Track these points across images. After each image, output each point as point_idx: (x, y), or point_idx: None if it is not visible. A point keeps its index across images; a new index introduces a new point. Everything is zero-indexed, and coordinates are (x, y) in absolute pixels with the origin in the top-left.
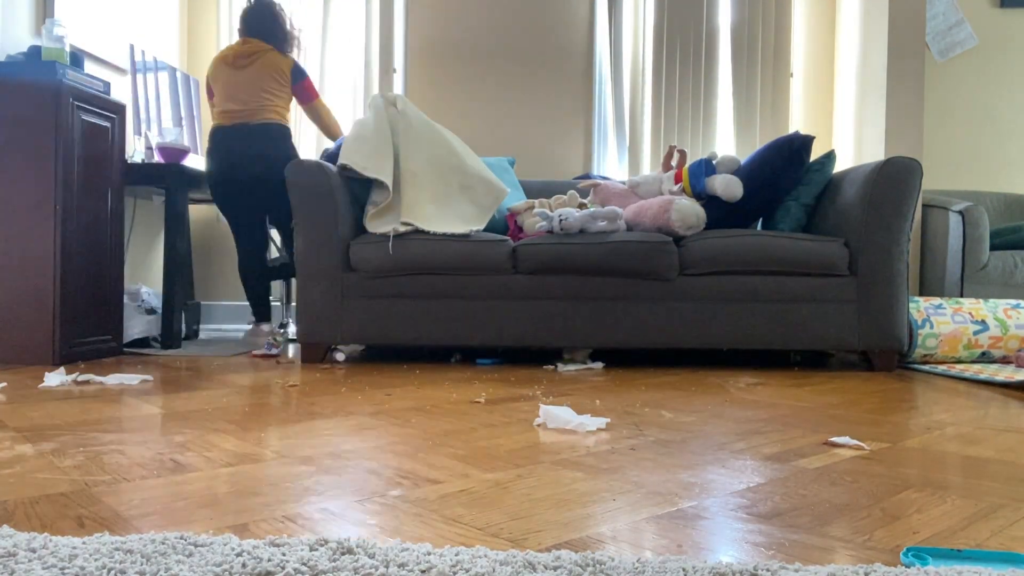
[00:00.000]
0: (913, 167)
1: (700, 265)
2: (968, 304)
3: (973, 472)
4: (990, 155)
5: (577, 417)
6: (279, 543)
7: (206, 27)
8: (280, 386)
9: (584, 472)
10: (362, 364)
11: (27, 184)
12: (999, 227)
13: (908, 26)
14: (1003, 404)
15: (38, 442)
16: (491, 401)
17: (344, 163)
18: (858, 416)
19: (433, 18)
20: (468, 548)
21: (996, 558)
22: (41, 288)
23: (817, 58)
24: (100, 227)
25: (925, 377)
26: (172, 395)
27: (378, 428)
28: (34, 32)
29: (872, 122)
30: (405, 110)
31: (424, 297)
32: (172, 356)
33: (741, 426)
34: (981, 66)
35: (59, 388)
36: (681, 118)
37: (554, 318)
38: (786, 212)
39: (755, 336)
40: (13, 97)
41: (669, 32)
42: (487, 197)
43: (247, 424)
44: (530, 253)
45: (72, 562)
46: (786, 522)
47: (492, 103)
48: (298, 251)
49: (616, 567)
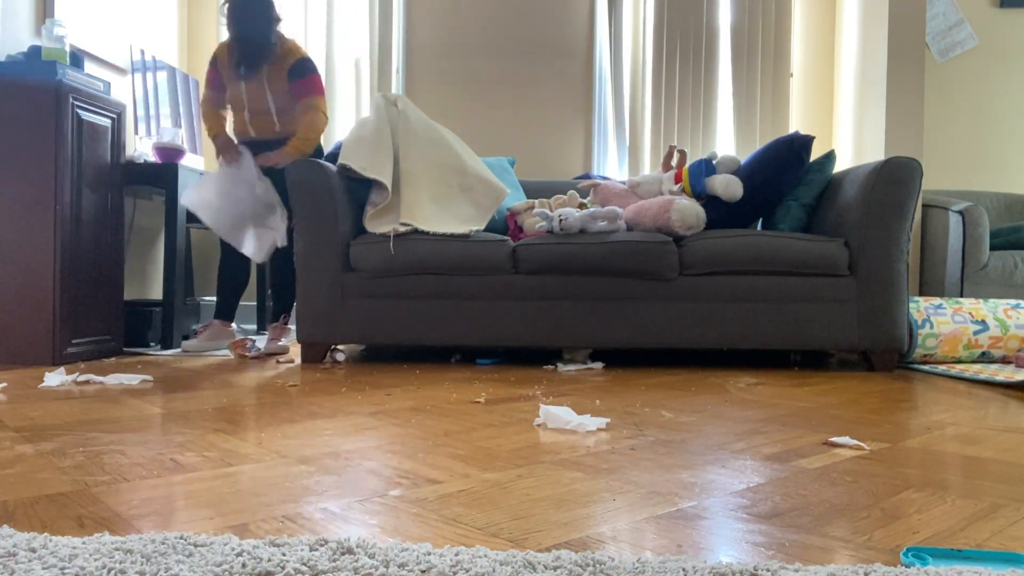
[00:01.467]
0: (913, 167)
1: (700, 265)
2: (968, 304)
3: (973, 472)
4: (990, 155)
5: (577, 417)
6: (279, 543)
7: (206, 27)
8: (280, 386)
9: (584, 472)
10: (362, 364)
11: (27, 184)
12: (999, 227)
13: (908, 26)
14: (1003, 404)
15: (38, 442)
16: (491, 401)
17: (343, 163)
18: (858, 416)
19: (433, 18)
20: (468, 548)
21: (996, 558)
22: (41, 288)
23: (817, 58)
24: (100, 227)
25: (925, 377)
26: (172, 395)
27: (378, 428)
28: (34, 32)
29: (872, 122)
30: (405, 110)
31: (424, 297)
32: (172, 356)
33: (741, 426)
34: (981, 66)
35: (59, 388)
36: (681, 118)
37: (554, 318)
38: (786, 212)
39: (755, 336)
40: (13, 97)
41: (669, 32)
42: (487, 197)
43: (247, 424)
44: (530, 253)
45: (72, 562)
46: (786, 522)
47: (492, 103)
48: (298, 251)
49: (616, 567)
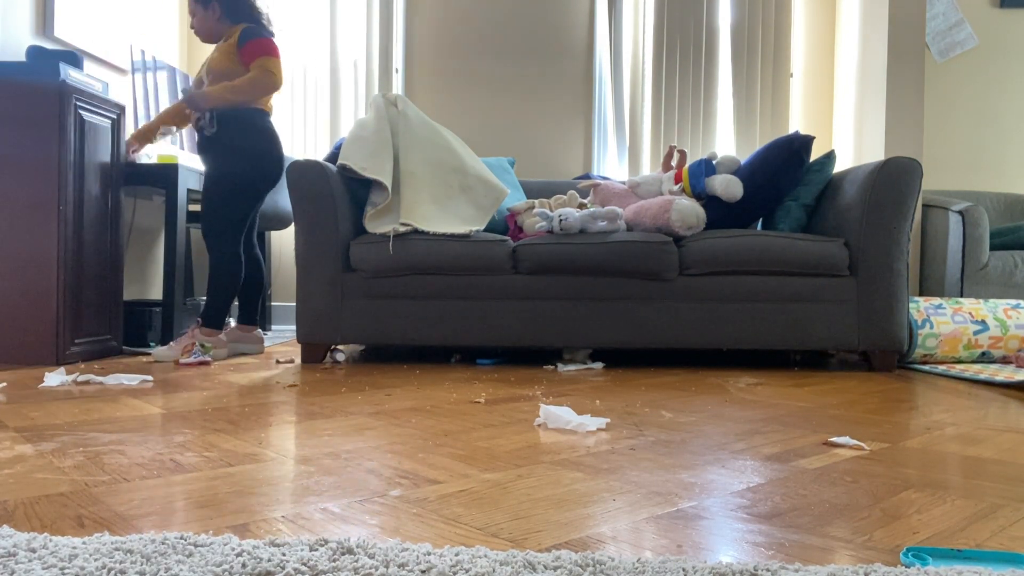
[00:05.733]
0: (913, 167)
1: (700, 265)
2: (968, 304)
3: (973, 472)
4: (990, 155)
5: (577, 417)
6: (279, 543)
7: None
8: (280, 386)
9: (584, 472)
10: (362, 364)
11: (28, 184)
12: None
13: (908, 26)
14: (1003, 404)
15: (38, 442)
16: (491, 401)
17: (343, 163)
18: (858, 416)
19: (433, 18)
20: (468, 548)
21: (996, 558)
22: (42, 288)
23: (817, 58)
24: (100, 227)
25: (925, 377)
26: (172, 395)
27: (378, 428)
28: (34, 32)
29: (872, 122)
30: (405, 110)
31: (424, 297)
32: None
33: (741, 426)
34: (981, 66)
35: (59, 388)
36: (681, 118)
37: (554, 318)
38: (786, 212)
39: (755, 336)
40: (14, 97)
41: (669, 32)
42: (487, 198)
43: (247, 424)
44: (530, 253)
45: (72, 562)
46: (786, 522)
47: (492, 103)
48: (298, 251)
49: (616, 567)
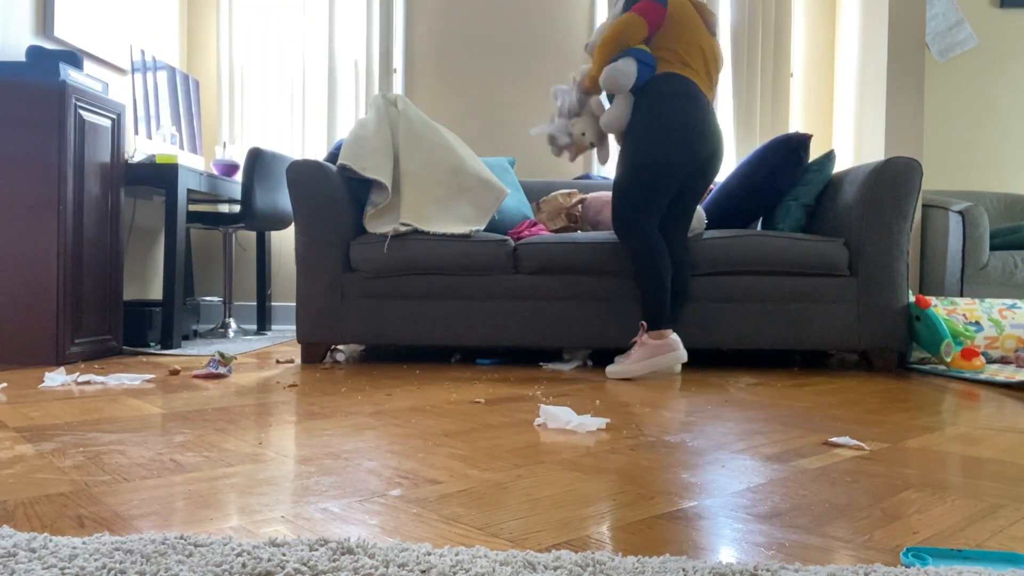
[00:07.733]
0: (913, 167)
1: (700, 265)
2: (963, 305)
3: (973, 472)
4: (990, 155)
5: (577, 417)
6: (279, 543)
7: (206, 27)
8: (280, 386)
9: (584, 472)
10: (362, 364)
11: (29, 184)
12: (999, 227)
13: (908, 26)
14: (1003, 404)
15: (38, 442)
16: (491, 401)
17: (343, 163)
18: (858, 416)
19: (433, 18)
20: (468, 548)
21: (996, 558)
22: (42, 288)
23: (817, 58)
24: (101, 227)
25: (925, 377)
26: (172, 395)
27: (378, 428)
28: (34, 32)
29: (872, 122)
30: (406, 110)
31: (424, 297)
32: (172, 356)
33: (741, 426)
34: (981, 66)
35: (59, 388)
36: None
37: (554, 318)
38: (786, 212)
39: (755, 336)
40: (14, 97)
41: None
42: (487, 198)
43: (247, 424)
44: (530, 253)
45: (72, 562)
46: (786, 522)
47: (492, 103)
48: (298, 251)
49: (616, 567)
